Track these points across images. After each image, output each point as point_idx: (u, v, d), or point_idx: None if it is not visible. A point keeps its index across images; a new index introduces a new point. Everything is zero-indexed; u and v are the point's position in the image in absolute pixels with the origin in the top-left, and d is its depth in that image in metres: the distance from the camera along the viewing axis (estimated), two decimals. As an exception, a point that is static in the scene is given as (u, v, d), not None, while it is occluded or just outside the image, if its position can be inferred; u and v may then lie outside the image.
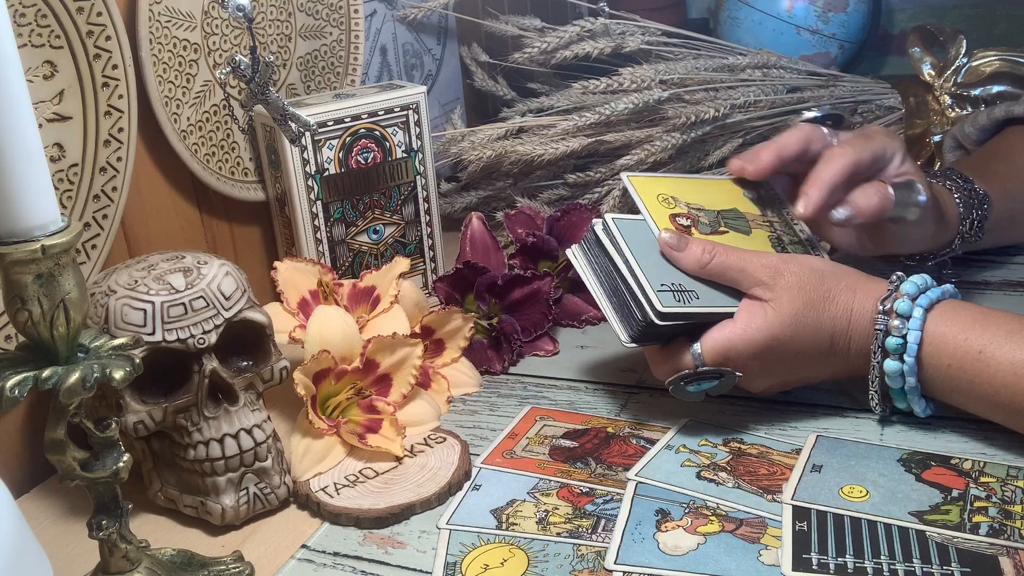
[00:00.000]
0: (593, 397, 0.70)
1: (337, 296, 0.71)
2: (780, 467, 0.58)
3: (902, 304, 0.59)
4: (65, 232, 0.42)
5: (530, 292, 0.76)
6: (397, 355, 0.66)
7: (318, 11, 0.88)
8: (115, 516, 0.48)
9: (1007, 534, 0.51)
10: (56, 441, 0.44)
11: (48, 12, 0.62)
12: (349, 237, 0.83)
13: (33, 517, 0.60)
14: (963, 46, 0.99)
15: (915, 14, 1.29)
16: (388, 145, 0.82)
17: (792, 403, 0.66)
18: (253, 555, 0.55)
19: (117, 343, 0.46)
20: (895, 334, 0.59)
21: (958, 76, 0.99)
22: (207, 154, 0.78)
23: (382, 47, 1.02)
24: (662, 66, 0.95)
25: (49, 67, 0.62)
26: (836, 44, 1.20)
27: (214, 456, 0.57)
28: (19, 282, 0.41)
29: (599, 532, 0.54)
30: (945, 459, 0.58)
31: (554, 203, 0.98)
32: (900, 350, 0.59)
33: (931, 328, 0.58)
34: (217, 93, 0.78)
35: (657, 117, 0.95)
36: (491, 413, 0.69)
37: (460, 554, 0.53)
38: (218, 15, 0.77)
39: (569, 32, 0.98)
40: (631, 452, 0.62)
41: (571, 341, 0.79)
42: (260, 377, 0.60)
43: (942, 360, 0.58)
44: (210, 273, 0.59)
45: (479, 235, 0.80)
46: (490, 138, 0.96)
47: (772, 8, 1.19)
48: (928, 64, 1.02)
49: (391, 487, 0.60)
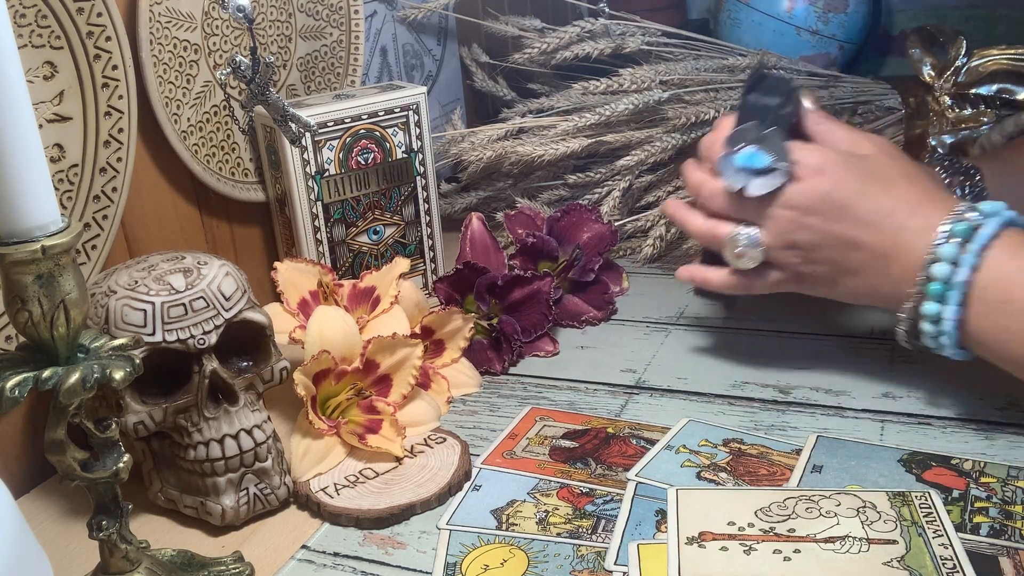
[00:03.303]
0: (593, 397, 0.70)
1: (337, 296, 0.71)
2: (780, 467, 0.58)
3: (953, 243, 0.56)
4: (65, 232, 0.42)
5: (530, 292, 0.76)
6: (397, 355, 0.66)
7: (318, 12, 0.88)
8: (115, 516, 0.48)
9: (1007, 534, 0.50)
10: (56, 441, 0.44)
11: (48, 13, 0.62)
12: (349, 237, 0.83)
13: (33, 517, 0.60)
14: (963, 47, 0.99)
15: (915, 15, 1.29)
16: (388, 146, 0.82)
17: (792, 403, 0.66)
18: (253, 555, 0.55)
19: (117, 343, 0.46)
20: (945, 260, 0.56)
21: (958, 77, 0.99)
22: (207, 155, 0.78)
23: (382, 48, 1.02)
24: (662, 67, 0.95)
25: (49, 68, 0.62)
26: (836, 45, 1.20)
27: (214, 456, 0.57)
28: (19, 282, 0.41)
29: (599, 532, 0.54)
30: (945, 459, 0.58)
31: (554, 203, 0.98)
32: (948, 278, 0.56)
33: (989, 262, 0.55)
34: (217, 94, 0.78)
35: (657, 118, 0.95)
36: (491, 413, 0.69)
37: (460, 554, 0.53)
38: (218, 16, 0.77)
39: (569, 33, 0.98)
40: (631, 452, 0.62)
41: (571, 341, 0.79)
42: (260, 377, 0.60)
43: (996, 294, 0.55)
44: (210, 273, 0.59)
45: (479, 235, 0.80)
46: (490, 138, 0.96)
47: (772, 9, 1.19)
48: (928, 65, 1.02)
49: (391, 487, 0.60)
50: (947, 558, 0.48)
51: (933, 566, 0.48)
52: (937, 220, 0.57)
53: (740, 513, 0.53)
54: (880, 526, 0.51)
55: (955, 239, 0.56)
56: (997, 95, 0.96)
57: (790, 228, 0.61)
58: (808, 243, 0.61)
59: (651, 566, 0.50)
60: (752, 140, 0.61)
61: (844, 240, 0.60)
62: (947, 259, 0.56)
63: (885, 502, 0.53)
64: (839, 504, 0.53)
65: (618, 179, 0.94)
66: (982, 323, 0.56)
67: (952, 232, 0.56)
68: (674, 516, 0.53)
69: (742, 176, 0.61)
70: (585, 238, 0.83)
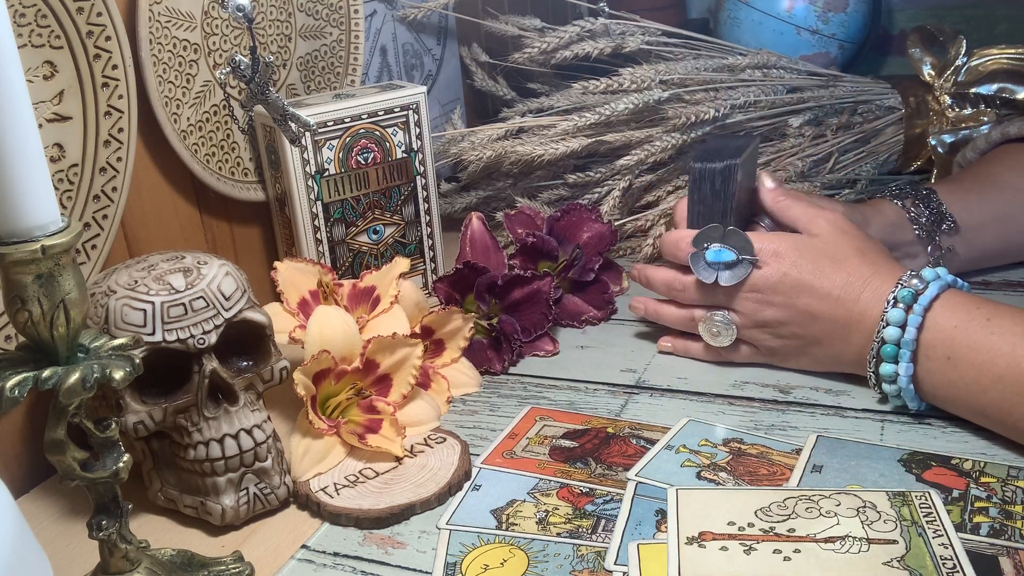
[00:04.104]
0: (593, 397, 0.70)
1: (337, 296, 0.71)
2: (780, 467, 0.58)
3: (905, 293, 0.61)
4: (65, 232, 0.42)
5: (530, 292, 0.76)
6: (397, 355, 0.66)
7: (318, 11, 0.88)
8: (115, 516, 0.48)
9: (1007, 534, 0.51)
10: (56, 441, 0.44)
11: (48, 12, 0.61)
12: (349, 237, 0.83)
13: (33, 517, 0.60)
14: (963, 46, 0.99)
15: (915, 14, 1.29)
16: (388, 145, 0.82)
17: (792, 403, 0.66)
18: (253, 555, 0.55)
19: (117, 343, 0.46)
20: (894, 324, 0.61)
21: (958, 76, 0.99)
22: (207, 154, 0.78)
23: (382, 47, 1.02)
24: (662, 66, 0.95)
25: (49, 67, 0.62)
26: (836, 44, 1.20)
27: (214, 456, 0.57)
28: (19, 282, 0.41)
29: (599, 532, 0.54)
30: (945, 459, 0.58)
31: (554, 203, 0.98)
32: (897, 338, 0.61)
33: (933, 317, 0.61)
34: (217, 93, 0.78)
35: (657, 117, 0.95)
36: (491, 413, 0.69)
37: (460, 554, 0.53)
38: (218, 15, 0.77)
39: (569, 32, 0.98)
40: (631, 452, 0.62)
41: (571, 341, 0.79)
42: (260, 377, 0.60)
43: (940, 351, 0.60)
44: (210, 273, 0.59)
45: (479, 235, 0.80)
46: (490, 138, 0.96)
47: (772, 8, 1.19)
48: (928, 64, 1.02)
49: (391, 487, 0.60)
50: (947, 558, 0.48)
51: (933, 566, 0.48)
52: (886, 289, 0.63)
53: (740, 513, 0.53)
54: (880, 526, 0.51)
55: (900, 305, 0.61)
56: (997, 94, 0.96)
57: (757, 309, 0.68)
58: (774, 320, 0.68)
59: (651, 566, 0.50)
60: (717, 239, 0.68)
61: (806, 313, 0.66)
62: (895, 323, 0.61)
63: (885, 502, 0.53)
64: (839, 504, 0.53)
65: (618, 179, 0.94)
66: (932, 378, 0.61)
67: (897, 298, 0.62)
68: (674, 516, 0.54)
69: (712, 270, 0.68)
70: (585, 238, 0.83)
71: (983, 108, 0.97)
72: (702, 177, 0.69)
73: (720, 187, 0.68)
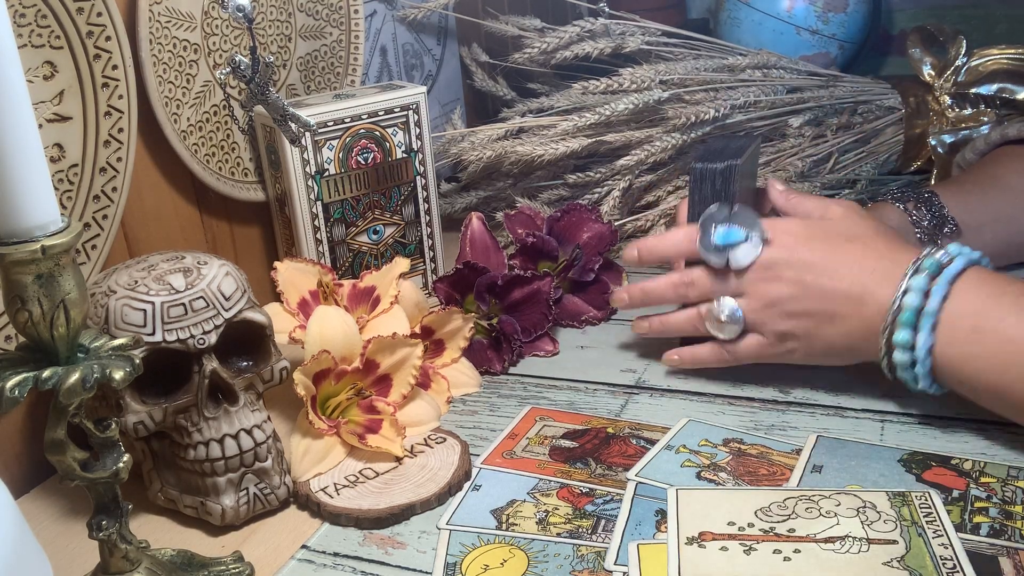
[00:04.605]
0: (593, 397, 0.70)
1: (337, 296, 0.71)
2: (780, 467, 0.58)
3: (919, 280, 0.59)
4: (65, 232, 0.42)
5: (530, 292, 0.76)
6: (397, 355, 0.66)
7: (318, 11, 0.88)
8: (115, 516, 0.48)
9: (1007, 534, 0.51)
10: (56, 441, 0.44)
11: (48, 12, 0.62)
12: (349, 237, 0.83)
13: (33, 517, 0.60)
14: (963, 46, 0.99)
15: (915, 14, 1.29)
16: (388, 145, 0.82)
17: (792, 403, 0.66)
18: (253, 555, 0.55)
19: (117, 343, 0.46)
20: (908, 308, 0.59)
21: (958, 76, 0.99)
22: (207, 154, 0.78)
23: (382, 47, 1.02)
24: (662, 66, 0.95)
25: (49, 67, 0.62)
26: (836, 44, 1.20)
27: (214, 456, 0.57)
28: (19, 282, 0.41)
29: (599, 532, 0.54)
30: (945, 459, 0.58)
31: (554, 203, 0.98)
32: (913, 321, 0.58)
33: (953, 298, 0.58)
34: (217, 93, 0.78)
35: (657, 117, 0.95)
36: (491, 413, 0.69)
37: (460, 554, 0.53)
38: (218, 15, 0.77)
39: (569, 32, 0.98)
40: (631, 452, 0.62)
41: (571, 341, 0.79)
42: (260, 377, 0.60)
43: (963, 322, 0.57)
44: (210, 273, 0.59)
45: (479, 235, 0.80)
46: (490, 138, 0.96)
47: (772, 8, 1.19)
48: (928, 64, 1.02)
49: (391, 487, 0.60)
50: (947, 558, 0.48)
51: (933, 566, 0.48)
52: (906, 260, 0.60)
53: (740, 513, 0.53)
54: (880, 526, 0.51)
55: (924, 272, 0.59)
56: (997, 95, 0.96)
57: (766, 285, 0.65)
58: (785, 296, 0.64)
59: (651, 566, 0.50)
60: (723, 219, 0.66)
61: (817, 288, 0.63)
62: (918, 290, 0.58)
63: (885, 502, 0.53)
64: (839, 504, 0.53)
65: (618, 179, 0.94)
66: (954, 351, 0.58)
67: (920, 267, 0.59)
68: (674, 516, 0.54)
69: (722, 254, 0.66)
70: (585, 238, 0.83)
71: (983, 108, 0.97)
72: (703, 178, 0.69)
73: (721, 187, 0.68)
